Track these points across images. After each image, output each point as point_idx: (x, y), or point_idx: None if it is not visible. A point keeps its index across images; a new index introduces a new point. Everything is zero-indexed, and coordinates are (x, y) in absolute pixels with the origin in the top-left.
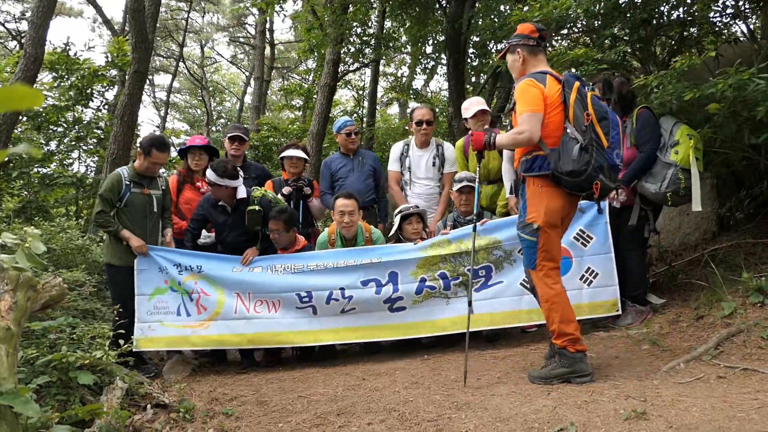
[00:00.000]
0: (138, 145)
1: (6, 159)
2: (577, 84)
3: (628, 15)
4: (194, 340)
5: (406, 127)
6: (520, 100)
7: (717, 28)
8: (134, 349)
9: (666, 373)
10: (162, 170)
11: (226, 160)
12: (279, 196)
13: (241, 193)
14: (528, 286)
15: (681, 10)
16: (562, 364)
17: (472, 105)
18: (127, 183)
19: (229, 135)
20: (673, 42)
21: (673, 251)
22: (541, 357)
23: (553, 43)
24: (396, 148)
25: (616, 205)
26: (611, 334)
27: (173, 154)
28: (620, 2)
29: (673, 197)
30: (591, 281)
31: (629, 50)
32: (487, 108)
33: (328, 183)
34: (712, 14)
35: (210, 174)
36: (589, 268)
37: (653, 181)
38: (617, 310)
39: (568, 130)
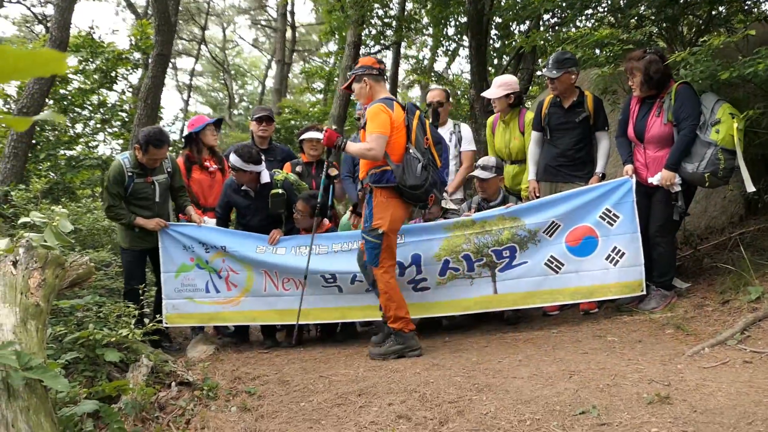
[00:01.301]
0: (135, 138)
1: (34, 141)
2: (417, 112)
3: None
4: (226, 315)
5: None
6: (371, 122)
7: (747, 6)
8: (165, 325)
9: (690, 358)
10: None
11: (249, 144)
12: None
13: (265, 177)
14: (552, 265)
15: None
16: (398, 341)
17: (497, 88)
18: (130, 174)
19: (256, 116)
20: (701, 21)
21: (699, 234)
22: (563, 340)
23: (578, 23)
24: None
25: (676, 189)
26: (634, 318)
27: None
28: None
29: (711, 178)
30: (617, 261)
31: (656, 30)
32: (510, 92)
33: (349, 167)
34: None
35: (234, 159)
36: (615, 248)
37: (691, 160)
38: (642, 291)
39: (411, 151)
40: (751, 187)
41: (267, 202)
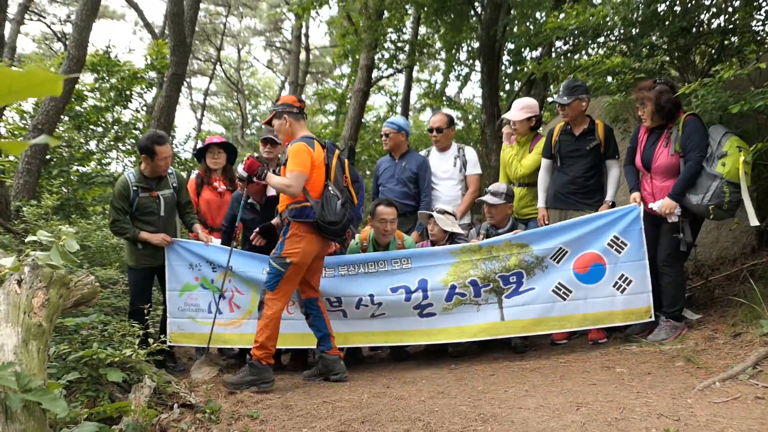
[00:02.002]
0: (138, 150)
1: (48, 157)
2: (336, 152)
3: (667, 23)
4: (227, 337)
5: None
6: (292, 159)
7: (759, 37)
8: (169, 344)
9: (701, 392)
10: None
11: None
12: None
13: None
14: (560, 292)
15: (722, 18)
16: (252, 372)
17: (520, 110)
18: (135, 188)
19: (262, 138)
20: (713, 51)
21: (710, 265)
22: (570, 370)
23: (590, 51)
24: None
25: (673, 219)
26: (644, 349)
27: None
28: (659, 10)
29: (716, 211)
30: (625, 288)
31: (667, 59)
32: (531, 115)
33: (375, 188)
34: (754, 23)
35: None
36: (623, 276)
37: (695, 192)
38: (650, 317)
39: (330, 188)
40: (755, 221)
41: (272, 216)
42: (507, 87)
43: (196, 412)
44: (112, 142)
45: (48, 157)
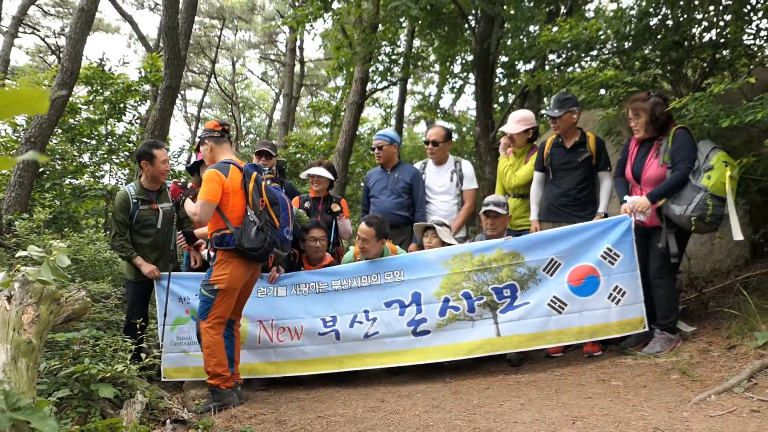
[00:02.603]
0: (136, 160)
1: (40, 170)
2: (254, 174)
3: (659, 37)
4: None
5: None
6: (203, 187)
7: (750, 51)
8: (163, 379)
9: (696, 405)
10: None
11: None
12: (302, 210)
13: None
14: (555, 305)
15: (713, 32)
16: (215, 398)
17: (517, 123)
18: (135, 201)
19: (256, 150)
20: (705, 64)
21: (703, 278)
22: (566, 384)
23: (583, 64)
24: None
25: (641, 218)
26: (639, 362)
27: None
28: (651, 24)
29: (698, 223)
30: (619, 300)
31: (660, 72)
32: (528, 127)
33: (365, 200)
34: (745, 37)
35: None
36: (617, 287)
37: (679, 203)
38: (644, 327)
39: (248, 213)
40: (739, 236)
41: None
42: (501, 99)
43: (189, 427)
44: (105, 155)
45: (41, 170)
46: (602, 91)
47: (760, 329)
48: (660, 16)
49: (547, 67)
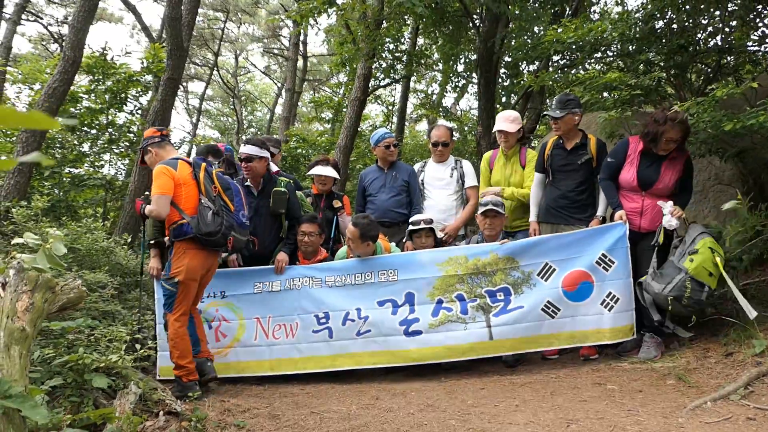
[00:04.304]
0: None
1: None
2: (203, 165)
3: (664, 41)
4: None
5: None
6: (154, 183)
7: (755, 57)
8: (158, 377)
9: (692, 411)
10: None
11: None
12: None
13: (272, 167)
14: (549, 310)
15: (718, 38)
16: (177, 389)
17: (512, 123)
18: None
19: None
20: (709, 70)
21: None
22: (561, 386)
23: (587, 66)
24: (415, 167)
25: (675, 224)
26: (635, 366)
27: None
28: (656, 28)
29: (674, 303)
30: (612, 306)
31: (664, 76)
32: (512, 128)
33: (360, 200)
34: (750, 43)
35: (242, 148)
36: (610, 293)
37: (660, 280)
38: (633, 335)
39: (203, 201)
40: (752, 314)
41: (268, 202)
42: (504, 99)
43: (182, 420)
44: (105, 145)
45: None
46: (605, 94)
47: (758, 337)
48: (665, 20)
49: (551, 68)
